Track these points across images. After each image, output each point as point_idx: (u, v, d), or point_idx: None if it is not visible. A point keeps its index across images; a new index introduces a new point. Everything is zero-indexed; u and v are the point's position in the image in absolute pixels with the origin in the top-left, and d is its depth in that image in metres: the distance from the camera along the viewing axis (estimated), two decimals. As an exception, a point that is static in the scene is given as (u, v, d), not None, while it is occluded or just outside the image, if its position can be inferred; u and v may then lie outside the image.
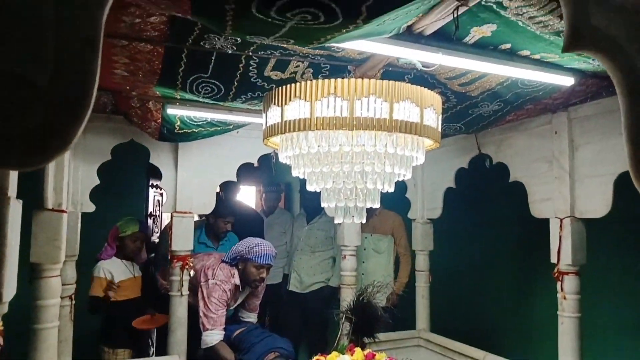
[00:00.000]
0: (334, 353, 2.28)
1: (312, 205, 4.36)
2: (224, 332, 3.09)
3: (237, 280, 3.19)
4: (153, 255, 4.01)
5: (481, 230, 4.46)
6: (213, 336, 3.02)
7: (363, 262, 4.05)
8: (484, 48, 1.76)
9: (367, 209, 4.26)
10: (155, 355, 3.54)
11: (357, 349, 2.27)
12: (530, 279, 3.95)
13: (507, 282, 4.26)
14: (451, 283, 4.38)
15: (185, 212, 3.01)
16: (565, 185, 2.58)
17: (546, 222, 2.68)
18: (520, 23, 1.55)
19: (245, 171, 3.43)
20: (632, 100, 0.69)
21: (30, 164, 0.70)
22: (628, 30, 0.69)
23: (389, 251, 4.02)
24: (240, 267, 3.19)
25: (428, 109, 1.49)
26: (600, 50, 0.72)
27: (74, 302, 2.71)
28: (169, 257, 3.04)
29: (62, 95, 0.67)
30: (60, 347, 2.42)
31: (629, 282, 3.24)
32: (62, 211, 2.09)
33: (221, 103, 2.43)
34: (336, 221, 2.05)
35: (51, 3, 0.66)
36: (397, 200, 3.39)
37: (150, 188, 4.97)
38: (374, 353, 2.24)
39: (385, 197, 1.82)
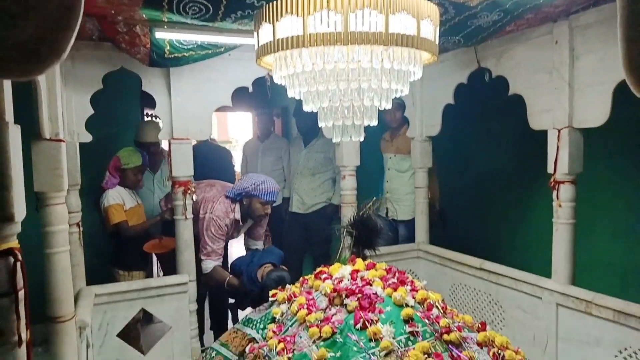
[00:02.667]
0: (337, 264, 2.38)
1: (307, 128, 4.36)
2: (220, 260, 3.32)
3: (237, 215, 3.34)
4: None
5: (480, 146, 4.49)
6: (208, 264, 3.26)
7: (387, 181, 4.16)
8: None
9: (393, 129, 4.31)
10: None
11: (359, 260, 2.37)
12: (528, 191, 4.04)
13: (505, 195, 4.36)
14: (450, 198, 4.47)
15: (182, 139, 3.01)
16: (565, 95, 2.56)
17: (544, 135, 2.69)
18: None
19: (241, 97, 3.39)
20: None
21: (26, 73, 0.75)
22: None
23: (411, 170, 4.07)
24: (245, 203, 3.31)
25: (425, 21, 1.44)
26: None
27: (81, 228, 2.79)
28: (171, 184, 3.10)
29: (53, 4, 0.68)
30: (74, 272, 2.52)
31: (624, 189, 3.31)
32: (60, 140, 2.09)
33: (210, 24, 2.34)
34: (334, 140, 2.06)
35: None
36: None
37: (145, 118, 4.93)
38: (375, 263, 2.34)
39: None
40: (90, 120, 2.80)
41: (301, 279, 2.51)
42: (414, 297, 2.06)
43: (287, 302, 2.32)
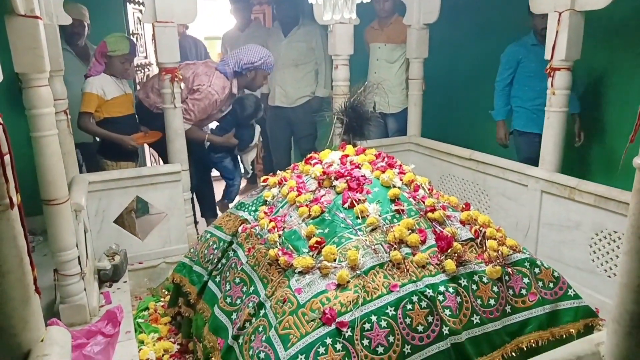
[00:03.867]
0: (327, 150, 2.40)
1: (286, 16, 4.13)
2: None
3: (234, 89, 3.41)
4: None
5: (477, 37, 4.32)
6: (185, 125, 3.30)
7: (375, 72, 4.01)
8: None
9: (382, 18, 4.11)
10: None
11: (348, 147, 2.39)
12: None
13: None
14: (443, 91, 4.40)
15: (166, 22, 2.86)
16: (570, -26, 2.42)
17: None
18: None
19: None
20: None
21: None
22: None
23: (401, 60, 3.94)
24: (249, 76, 3.45)
25: None
26: None
27: (69, 116, 2.75)
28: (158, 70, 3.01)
29: None
30: (65, 159, 2.52)
31: (618, 77, 3.24)
32: (36, 17, 1.97)
33: None
34: (325, 17, 1.97)
35: None
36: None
37: (127, 4, 4.65)
38: (364, 148, 2.36)
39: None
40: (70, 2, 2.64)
41: (292, 164, 2.53)
42: (401, 180, 2.10)
43: (277, 186, 2.37)
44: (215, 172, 3.95)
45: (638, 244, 1.00)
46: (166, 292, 2.91)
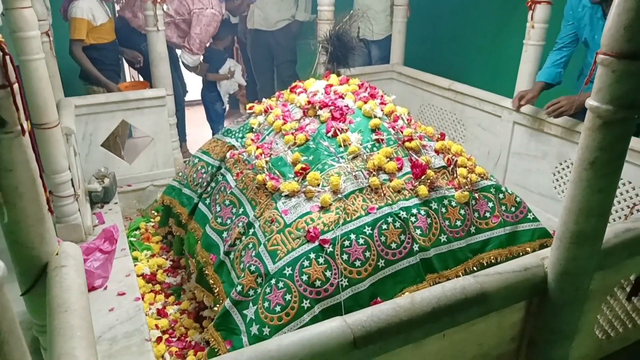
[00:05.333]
0: (311, 79, 2.47)
1: None
2: (201, 57, 3.53)
3: (223, 11, 3.57)
4: None
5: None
6: (194, 58, 3.47)
7: None
8: None
9: None
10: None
11: (333, 75, 2.46)
12: (505, 20, 3.98)
13: (483, 22, 4.28)
14: (429, 20, 4.39)
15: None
16: None
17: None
18: None
19: None
20: None
21: None
22: None
23: None
24: (237, 2, 3.67)
25: None
26: None
27: (51, 38, 2.72)
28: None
29: None
30: (51, 82, 2.54)
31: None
32: None
33: None
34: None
35: None
36: None
37: None
38: (348, 77, 2.44)
39: None
40: None
41: (277, 93, 2.61)
42: (382, 110, 2.21)
43: (263, 114, 2.46)
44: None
45: (582, 174, 1.15)
46: (155, 213, 3.06)
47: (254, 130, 2.42)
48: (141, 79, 3.98)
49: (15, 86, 1.17)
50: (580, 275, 1.26)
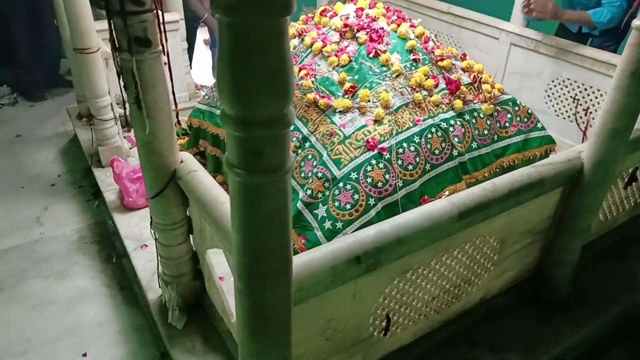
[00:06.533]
0: (339, 3, 2.62)
1: None
2: None
3: None
4: None
5: None
6: None
7: None
8: None
9: None
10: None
11: None
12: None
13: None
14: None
15: None
16: None
17: None
18: None
19: None
20: None
21: None
22: None
23: None
24: None
25: None
26: None
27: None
28: None
29: None
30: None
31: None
32: None
33: None
34: None
35: None
36: None
37: None
38: (375, 1, 2.60)
39: None
40: None
41: (304, 16, 2.73)
42: (413, 32, 2.42)
43: (297, 37, 2.60)
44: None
45: (624, 82, 1.46)
46: (177, 137, 3.20)
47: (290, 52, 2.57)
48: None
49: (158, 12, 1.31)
50: (610, 163, 1.62)
